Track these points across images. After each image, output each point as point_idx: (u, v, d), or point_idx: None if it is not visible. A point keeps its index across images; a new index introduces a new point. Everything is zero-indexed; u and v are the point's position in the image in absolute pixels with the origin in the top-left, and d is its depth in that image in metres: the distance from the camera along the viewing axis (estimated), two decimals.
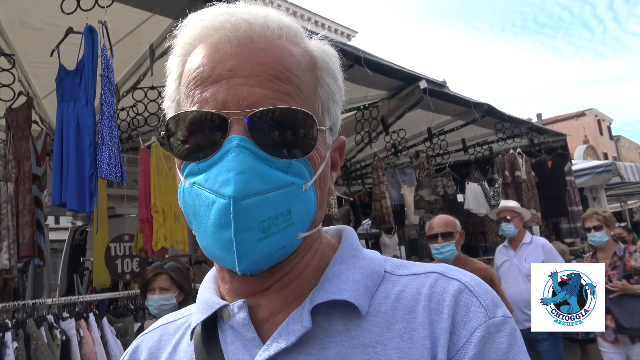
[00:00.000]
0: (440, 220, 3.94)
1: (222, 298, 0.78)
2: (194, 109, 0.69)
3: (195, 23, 0.73)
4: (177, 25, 0.76)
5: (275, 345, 0.68)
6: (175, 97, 0.76)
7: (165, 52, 4.29)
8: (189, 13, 0.76)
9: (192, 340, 0.78)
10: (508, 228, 5.06)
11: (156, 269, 3.16)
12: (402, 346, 0.66)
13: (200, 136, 0.68)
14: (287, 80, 0.69)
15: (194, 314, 0.80)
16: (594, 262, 4.76)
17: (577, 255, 7.52)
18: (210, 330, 0.77)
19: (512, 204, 5.39)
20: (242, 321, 0.72)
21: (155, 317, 3.14)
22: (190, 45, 0.73)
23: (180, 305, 3.06)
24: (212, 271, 0.85)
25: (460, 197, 7.06)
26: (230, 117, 0.66)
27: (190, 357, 0.77)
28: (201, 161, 0.68)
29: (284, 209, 0.66)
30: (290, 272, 0.73)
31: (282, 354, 0.67)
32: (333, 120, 0.77)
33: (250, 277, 0.71)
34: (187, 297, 3.15)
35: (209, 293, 0.80)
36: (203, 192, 0.67)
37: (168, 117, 0.75)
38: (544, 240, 5.07)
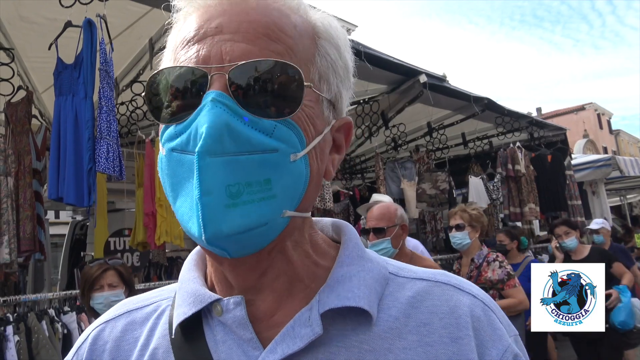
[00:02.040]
0: (375, 213, 3.33)
1: (211, 290, 0.71)
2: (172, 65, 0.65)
3: None
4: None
5: (280, 350, 0.63)
6: None
7: (165, 46, 4.30)
8: None
9: (173, 335, 0.70)
10: None
11: (102, 266, 2.98)
12: (419, 359, 0.64)
13: (181, 95, 0.63)
14: (278, 39, 0.64)
15: (178, 306, 0.71)
16: (458, 268, 4.21)
17: None
18: (191, 325, 0.69)
19: (386, 198, 4.56)
20: (238, 319, 0.66)
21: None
22: (184, 15, 0.69)
23: None
24: (193, 257, 0.79)
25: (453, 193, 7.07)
26: (212, 72, 0.61)
27: (167, 353, 0.70)
28: (179, 123, 0.63)
29: (260, 177, 0.60)
30: (279, 259, 0.67)
31: (286, 358, 0.62)
32: (334, 94, 0.71)
33: (238, 263, 0.65)
34: (132, 293, 2.95)
35: (195, 284, 0.72)
36: (180, 155, 0.62)
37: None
38: (414, 242, 4.13)
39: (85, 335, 0.79)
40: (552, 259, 5.70)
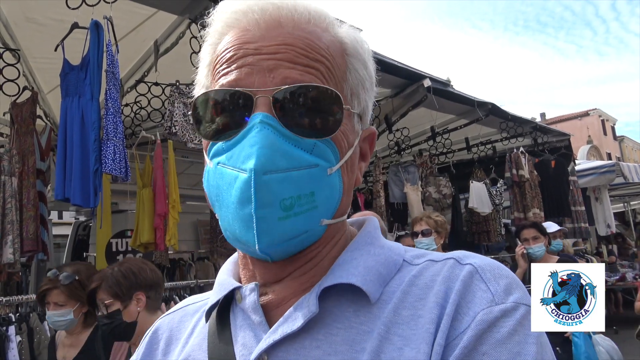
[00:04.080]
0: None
1: (240, 282, 0.78)
2: (218, 87, 0.69)
3: (224, 9, 0.74)
4: (208, 14, 0.76)
5: (281, 330, 0.67)
6: (205, 84, 0.75)
7: (170, 49, 4.28)
8: (194, 9, 0.76)
9: (207, 322, 0.78)
10: None
11: (49, 283, 2.77)
12: (407, 333, 0.64)
13: (227, 114, 0.68)
14: (315, 59, 0.69)
15: (211, 295, 0.79)
16: None
17: (580, 255, 7.51)
18: (223, 313, 0.76)
19: None
20: (251, 304, 0.71)
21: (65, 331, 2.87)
22: (220, 33, 0.74)
23: (86, 318, 2.76)
24: (235, 256, 0.85)
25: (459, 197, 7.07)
26: (256, 94, 0.66)
27: (203, 339, 0.77)
28: (227, 140, 0.68)
29: (307, 190, 0.65)
30: (310, 261, 0.72)
31: (288, 338, 0.66)
32: (362, 107, 0.76)
33: (271, 264, 0.70)
34: (92, 310, 2.69)
35: (226, 275, 0.80)
36: (226, 170, 0.66)
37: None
38: None
39: (151, 327, 0.89)
40: (513, 269, 4.56)
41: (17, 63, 3.99)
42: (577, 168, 8.91)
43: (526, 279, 4.39)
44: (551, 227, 5.48)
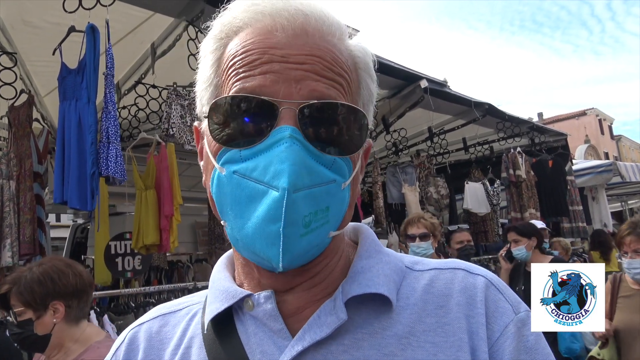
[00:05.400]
0: None
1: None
2: (235, 91, 0.66)
3: (245, 7, 0.70)
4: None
5: (308, 337, 0.66)
6: (213, 81, 0.71)
7: (167, 51, 4.25)
8: (190, 12, 0.73)
9: (205, 330, 0.74)
10: None
11: None
12: (437, 340, 0.67)
13: (246, 122, 0.65)
14: (339, 74, 0.68)
15: (211, 303, 0.75)
16: None
17: (578, 255, 7.52)
18: (222, 321, 0.73)
19: None
20: (269, 312, 0.70)
21: None
22: (235, 28, 0.70)
23: None
24: (223, 260, 0.83)
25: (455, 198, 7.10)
26: (282, 105, 0.64)
27: (200, 349, 0.73)
28: (244, 148, 0.65)
29: (323, 206, 0.65)
30: (319, 273, 0.72)
31: (314, 345, 0.66)
32: (369, 121, 0.75)
33: (278, 274, 0.67)
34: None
35: (227, 282, 0.76)
36: (249, 183, 0.63)
37: (203, 100, 0.72)
38: None
39: (122, 338, 0.83)
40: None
41: (14, 66, 3.98)
42: (574, 167, 8.92)
43: (511, 279, 4.42)
44: (538, 223, 5.46)
